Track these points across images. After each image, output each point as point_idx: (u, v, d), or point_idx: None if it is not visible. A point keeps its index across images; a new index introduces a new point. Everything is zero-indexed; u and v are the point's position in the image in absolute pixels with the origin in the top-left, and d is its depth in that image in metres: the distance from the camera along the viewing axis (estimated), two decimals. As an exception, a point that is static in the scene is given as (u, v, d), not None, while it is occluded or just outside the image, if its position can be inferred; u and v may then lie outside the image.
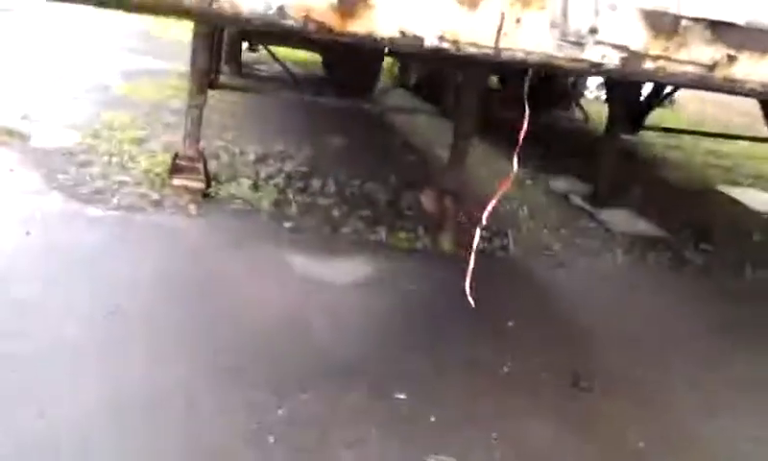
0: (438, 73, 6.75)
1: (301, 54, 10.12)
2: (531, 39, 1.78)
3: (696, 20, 1.73)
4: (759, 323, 4.43)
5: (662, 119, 9.26)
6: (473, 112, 5.48)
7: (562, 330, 3.97)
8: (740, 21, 1.73)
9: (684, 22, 1.73)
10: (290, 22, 1.65)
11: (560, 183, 6.83)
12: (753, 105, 9.97)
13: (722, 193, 7.33)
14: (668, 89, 6.49)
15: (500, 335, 3.80)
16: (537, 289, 4.49)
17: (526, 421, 3.07)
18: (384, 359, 3.44)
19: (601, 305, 4.38)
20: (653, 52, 1.80)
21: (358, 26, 1.68)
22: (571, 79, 9.99)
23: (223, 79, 7.81)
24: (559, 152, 8.00)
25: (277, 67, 8.35)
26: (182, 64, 9.11)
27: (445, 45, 1.78)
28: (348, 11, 1.65)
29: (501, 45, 1.80)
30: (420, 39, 1.77)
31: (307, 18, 1.66)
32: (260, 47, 9.93)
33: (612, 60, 1.81)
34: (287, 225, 4.83)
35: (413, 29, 1.75)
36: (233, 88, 7.22)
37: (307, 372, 3.24)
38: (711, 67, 1.81)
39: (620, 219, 6.01)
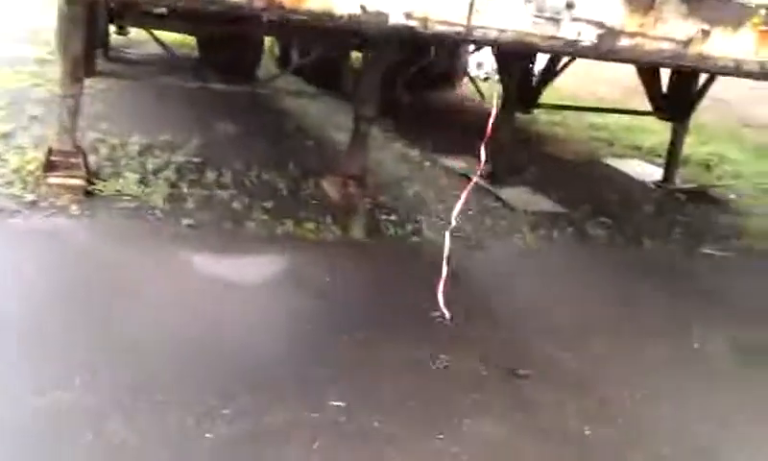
0: (330, 55, 6.47)
1: (173, 35, 9.46)
2: (505, 16, 1.59)
3: (673, -7, 1.61)
4: (665, 294, 4.54)
5: (544, 96, 9.47)
6: (375, 96, 5.27)
7: (490, 318, 3.86)
8: (713, -6, 1.63)
9: (659, -3, 1.60)
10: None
11: (458, 163, 6.77)
12: (618, 77, 10.44)
13: (609, 166, 7.57)
14: (560, 66, 6.58)
15: (430, 328, 3.64)
16: (457, 275, 4.36)
17: (472, 417, 2.91)
18: (311, 363, 3.18)
19: (522, 287, 4.33)
20: (629, 28, 1.67)
21: (313, 2, 1.42)
22: (451, 59, 10.01)
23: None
24: (453, 131, 7.97)
25: (148, 50, 7.73)
26: (43, 49, 8.32)
27: (413, 23, 1.56)
28: (303, -16, 1.38)
29: (473, 23, 1.59)
30: (385, 16, 1.53)
31: (255, -6, 1.37)
32: (129, 29, 9.16)
33: (589, 37, 1.66)
34: (185, 222, 4.42)
35: (376, 4, 1.51)
36: (112, 76, 6.56)
37: (225, 384, 2.92)
38: (686, 43, 1.71)
39: (521, 197, 6.03)
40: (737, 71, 2.05)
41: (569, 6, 1.60)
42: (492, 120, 2.37)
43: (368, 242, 4.63)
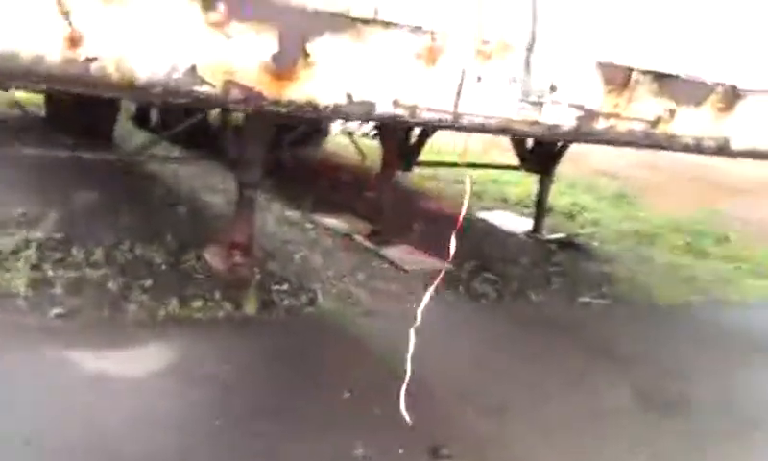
0: (205, 118, 6.13)
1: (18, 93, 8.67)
2: (491, 101, 1.50)
3: (645, 73, 1.59)
4: (561, 348, 4.63)
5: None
6: (260, 159, 5.03)
7: (398, 392, 3.70)
8: (681, 73, 1.63)
9: (634, 75, 1.58)
10: (205, 89, 1.16)
11: (339, 223, 6.65)
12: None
13: (481, 219, 7.76)
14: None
15: (340, 411, 3.42)
16: (359, 347, 4.19)
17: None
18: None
19: (426, 354, 4.20)
20: (605, 109, 1.64)
21: (296, 92, 1.25)
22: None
23: None
24: (329, 190, 7.86)
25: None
26: None
27: (400, 112, 1.42)
28: (284, 72, 1.20)
29: (460, 109, 1.49)
30: (371, 106, 1.38)
31: (230, 83, 1.18)
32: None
33: (569, 121, 1.61)
34: (53, 311, 3.93)
35: (362, 93, 1.36)
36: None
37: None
38: (654, 123, 1.70)
39: (407, 256, 5.99)
40: (697, 148, 2.12)
41: (553, 88, 1.56)
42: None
43: (262, 317, 4.34)
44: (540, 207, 7.33)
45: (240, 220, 5.10)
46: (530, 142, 7.27)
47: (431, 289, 2.86)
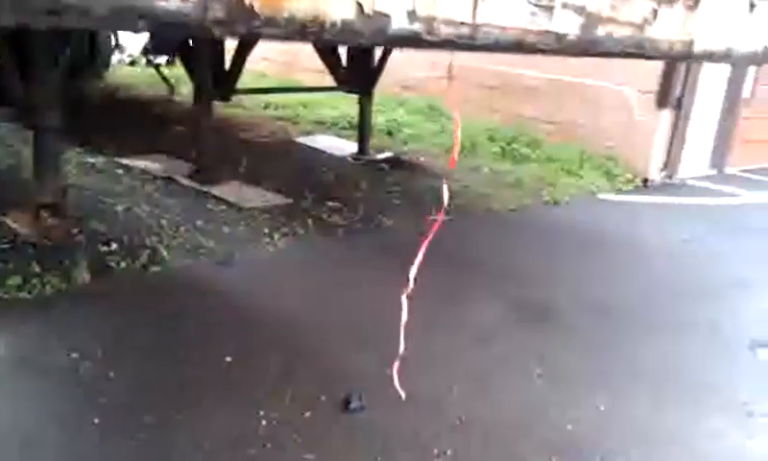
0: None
1: None
2: (506, 8, 1.19)
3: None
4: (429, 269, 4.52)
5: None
6: (54, 97, 4.17)
7: (287, 348, 3.35)
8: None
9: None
10: (173, 6, 0.72)
11: (154, 166, 5.90)
12: (273, 52, 10.32)
13: (304, 145, 7.38)
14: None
15: (227, 380, 3.00)
16: (224, 303, 3.71)
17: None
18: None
19: (306, 303, 3.86)
20: (605, 13, 1.41)
21: (297, 3, 0.87)
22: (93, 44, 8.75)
23: None
24: (127, 128, 6.95)
25: None
26: None
27: (417, 28, 1.09)
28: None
29: (478, 20, 1.18)
30: (386, 21, 1.05)
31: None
32: None
33: (574, 28, 1.35)
34: None
35: (375, 3, 0.99)
36: None
37: None
38: (641, 26, 1.51)
39: (242, 193, 5.49)
40: (669, 54, 1.95)
41: (559, -13, 1.31)
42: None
43: (100, 288, 3.68)
44: (363, 128, 7.12)
45: (44, 174, 4.25)
46: (344, 60, 6.97)
47: (421, 253, 2.49)
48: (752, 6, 2.06)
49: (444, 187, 2.65)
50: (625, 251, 5.40)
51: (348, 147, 7.32)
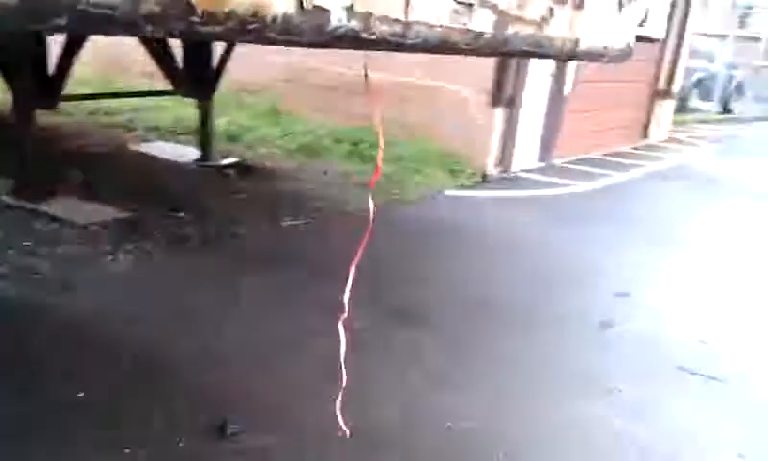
0: None
1: None
2: (434, 5, 1.15)
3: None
4: (298, 278, 4.40)
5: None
6: None
7: (148, 378, 3.08)
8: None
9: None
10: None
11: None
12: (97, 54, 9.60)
13: (142, 153, 6.92)
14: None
15: (82, 415, 2.71)
16: (70, 333, 3.35)
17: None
18: None
19: (162, 328, 3.58)
20: (513, 11, 1.41)
21: None
22: None
23: None
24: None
25: None
26: None
27: (354, 25, 1.04)
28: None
29: (410, 18, 1.15)
30: (325, 17, 0.98)
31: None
32: None
33: (488, 26, 1.34)
34: None
35: None
36: None
37: None
38: (540, 24, 1.52)
39: (77, 208, 5.02)
40: (560, 50, 1.95)
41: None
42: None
43: None
44: (206, 133, 6.80)
45: None
46: (180, 63, 6.61)
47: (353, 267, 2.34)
48: (620, 5, 2.18)
49: (370, 201, 2.51)
50: (476, 243, 5.60)
51: (190, 153, 6.96)
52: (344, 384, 2.62)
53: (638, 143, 11.85)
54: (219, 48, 6.60)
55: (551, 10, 1.83)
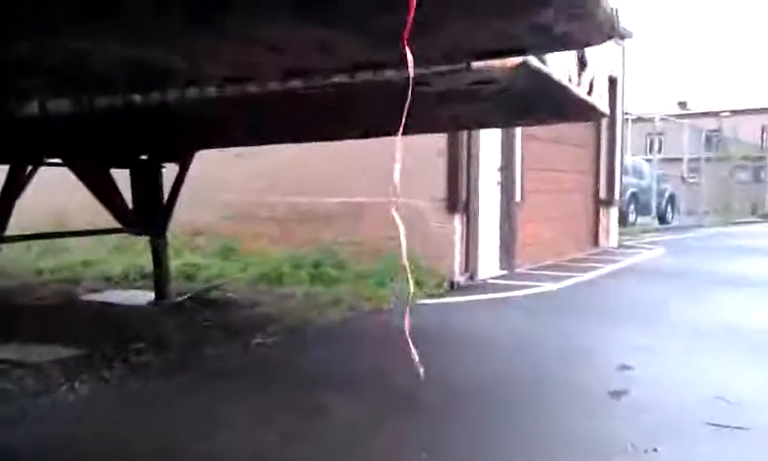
0: None
1: None
2: None
3: None
4: (261, 398, 3.99)
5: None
6: None
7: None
8: None
9: None
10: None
11: None
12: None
13: (96, 302, 6.46)
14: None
15: None
16: None
17: None
18: None
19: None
20: None
21: None
22: None
23: None
24: None
25: None
26: None
27: None
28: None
29: None
30: None
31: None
32: None
33: None
34: None
35: None
36: None
37: None
38: None
39: (28, 351, 4.53)
40: None
41: None
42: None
43: None
44: (161, 271, 6.44)
45: None
46: (129, 202, 6.37)
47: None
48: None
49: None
50: (466, 341, 5.32)
51: (144, 296, 6.56)
52: None
53: (591, 250, 11.99)
54: (166, 184, 6.43)
55: None
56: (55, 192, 7.46)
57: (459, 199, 7.64)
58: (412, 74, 1.32)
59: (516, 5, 1.51)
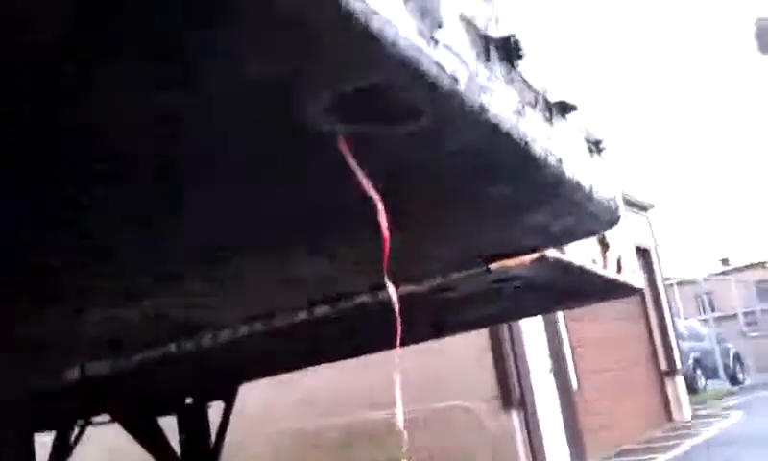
0: None
1: None
2: None
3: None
4: None
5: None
6: None
7: None
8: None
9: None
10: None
11: None
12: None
13: None
14: None
15: None
16: None
17: None
18: None
19: None
20: None
21: None
22: None
23: None
24: None
25: None
26: None
27: None
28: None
29: None
30: None
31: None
32: None
33: None
34: None
35: None
36: None
37: None
38: None
39: None
40: None
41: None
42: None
43: None
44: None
45: None
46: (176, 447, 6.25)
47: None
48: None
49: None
50: None
51: None
52: None
53: (666, 426, 11.28)
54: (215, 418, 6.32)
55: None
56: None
57: (512, 393, 7.37)
58: (395, 297, 1.30)
59: (503, 212, 1.53)
